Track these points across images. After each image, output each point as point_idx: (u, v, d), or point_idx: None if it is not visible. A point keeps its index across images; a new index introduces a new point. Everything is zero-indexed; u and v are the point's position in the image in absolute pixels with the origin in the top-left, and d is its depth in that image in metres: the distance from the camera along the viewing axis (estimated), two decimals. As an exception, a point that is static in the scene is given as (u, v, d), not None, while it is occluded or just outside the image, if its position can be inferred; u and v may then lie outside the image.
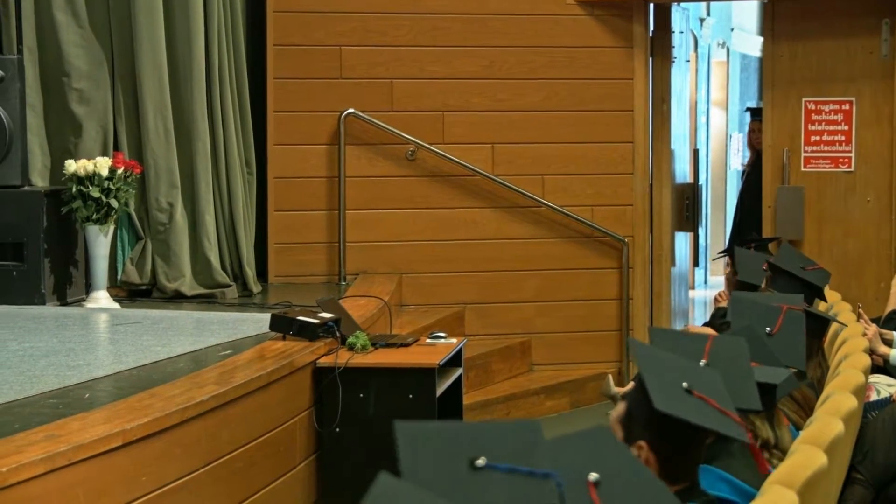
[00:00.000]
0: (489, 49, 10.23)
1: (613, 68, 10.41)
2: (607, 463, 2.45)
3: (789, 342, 4.48)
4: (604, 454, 2.47)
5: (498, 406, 9.43)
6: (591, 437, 2.50)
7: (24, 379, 5.90)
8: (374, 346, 7.04)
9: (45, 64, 9.08)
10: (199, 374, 6.07)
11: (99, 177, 8.37)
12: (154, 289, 9.17)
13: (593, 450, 2.47)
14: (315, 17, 9.95)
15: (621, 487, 2.44)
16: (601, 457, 2.45)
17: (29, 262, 8.38)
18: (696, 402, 3.14)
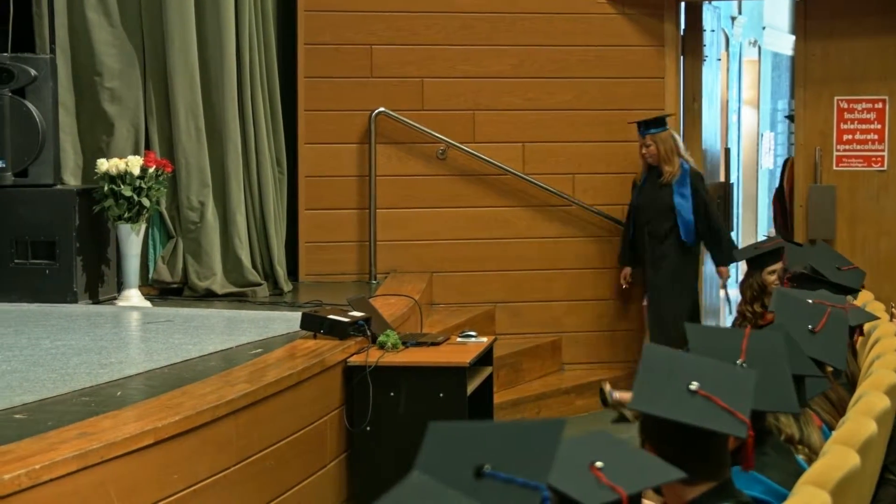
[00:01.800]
0: (520, 48, 10.22)
1: (644, 67, 10.38)
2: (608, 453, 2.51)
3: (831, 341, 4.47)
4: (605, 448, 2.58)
5: (528, 405, 9.42)
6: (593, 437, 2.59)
7: (57, 377, 5.92)
8: (405, 345, 7.04)
9: (78, 63, 9.11)
10: (230, 372, 6.09)
11: (131, 175, 8.39)
12: (185, 287, 9.19)
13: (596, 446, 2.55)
14: (346, 16, 9.95)
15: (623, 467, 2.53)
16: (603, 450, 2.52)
17: (61, 260, 8.41)
18: (697, 401, 3.12)
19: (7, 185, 8.48)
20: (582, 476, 2.56)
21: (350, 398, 6.75)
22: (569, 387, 9.81)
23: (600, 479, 2.55)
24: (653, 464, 2.80)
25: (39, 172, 8.55)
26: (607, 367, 10.14)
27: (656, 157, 9.74)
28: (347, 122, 9.96)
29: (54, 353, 6.58)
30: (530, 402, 9.47)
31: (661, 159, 9.72)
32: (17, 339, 7.07)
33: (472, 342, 7.36)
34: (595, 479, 2.55)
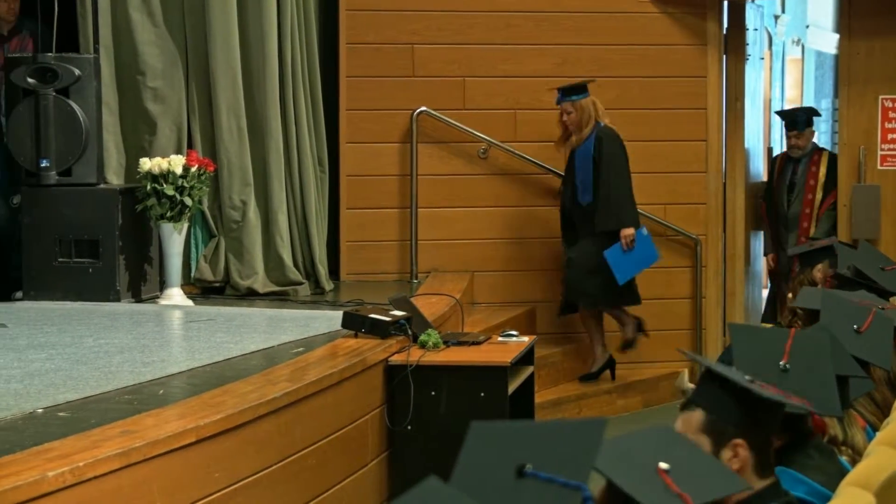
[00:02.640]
0: (561, 47, 10.20)
1: (687, 66, 10.35)
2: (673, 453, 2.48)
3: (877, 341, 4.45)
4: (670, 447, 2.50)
5: (569, 405, 9.41)
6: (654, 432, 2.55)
7: (100, 375, 5.95)
8: (446, 345, 7.04)
9: (121, 63, 9.14)
10: (272, 371, 6.10)
11: (173, 175, 8.42)
12: (227, 286, 9.22)
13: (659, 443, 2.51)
14: (387, 16, 9.96)
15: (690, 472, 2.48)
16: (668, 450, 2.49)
17: (104, 259, 8.45)
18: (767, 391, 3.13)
19: (51, 185, 8.53)
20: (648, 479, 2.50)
21: (391, 397, 6.76)
22: (610, 387, 9.78)
23: (668, 485, 2.50)
24: (720, 470, 2.75)
25: (83, 172, 8.59)
26: (650, 366, 10.10)
27: (575, 124, 9.52)
28: (389, 122, 9.97)
29: (97, 352, 6.61)
30: (571, 402, 9.45)
31: (578, 126, 9.53)
32: (60, 337, 7.11)
33: (514, 341, 7.36)
34: (662, 484, 2.50)
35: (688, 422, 3.20)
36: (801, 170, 10.54)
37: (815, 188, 10.46)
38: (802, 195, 10.46)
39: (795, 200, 10.44)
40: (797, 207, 10.47)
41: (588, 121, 9.49)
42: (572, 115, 9.50)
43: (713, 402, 3.18)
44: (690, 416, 3.20)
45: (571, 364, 9.88)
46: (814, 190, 10.46)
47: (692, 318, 10.32)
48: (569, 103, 9.51)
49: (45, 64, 8.52)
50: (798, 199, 10.45)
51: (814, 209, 10.41)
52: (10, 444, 4.55)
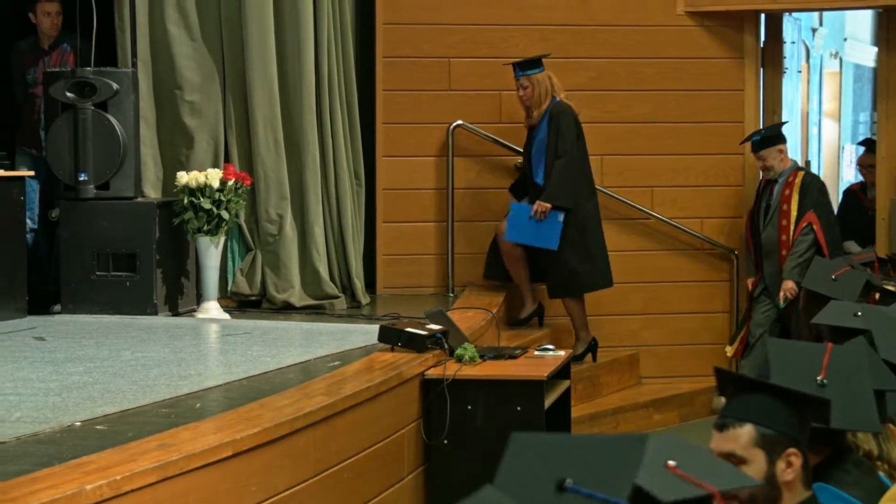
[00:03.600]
0: (597, 60, 10.19)
1: (723, 79, 10.32)
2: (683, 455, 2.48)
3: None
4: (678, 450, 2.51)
5: (606, 419, 9.38)
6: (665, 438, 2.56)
7: (138, 388, 5.97)
8: (482, 358, 7.03)
9: (159, 77, 9.19)
10: (308, 384, 6.11)
11: (210, 188, 8.45)
12: (264, 300, 9.24)
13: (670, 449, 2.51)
14: (424, 30, 9.97)
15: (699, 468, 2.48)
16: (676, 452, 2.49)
17: (141, 272, 8.49)
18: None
19: (89, 198, 8.57)
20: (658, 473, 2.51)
21: (427, 411, 6.75)
22: (647, 401, 9.76)
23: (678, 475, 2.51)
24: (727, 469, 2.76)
25: (120, 185, 8.63)
26: (686, 380, 10.07)
27: (531, 99, 9.39)
28: (425, 135, 9.98)
29: (135, 365, 6.63)
30: (608, 416, 9.42)
31: (535, 102, 9.39)
32: (98, 350, 7.14)
33: (550, 355, 7.35)
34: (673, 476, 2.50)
35: (734, 439, 3.17)
36: (776, 192, 9.79)
37: (789, 213, 9.71)
38: (777, 220, 9.77)
39: (769, 225, 9.78)
40: (771, 233, 9.76)
41: (545, 96, 9.35)
42: (528, 91, 9.38)
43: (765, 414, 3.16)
44: (736, 433, 3.17)
45: (608, 378, 9.86)
46: (788, 215, 9.72)
47: (729, 332, 10.28)
48: (524, 78, 9.39)
49: (83, 78, 8.57)
50: (772, 223, 9.78)
51: (790, 235, 9.70)
52: (49, 458, 4.57)
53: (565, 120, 9.30)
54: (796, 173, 9.76)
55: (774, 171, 9.74)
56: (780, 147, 9.76)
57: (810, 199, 9.65)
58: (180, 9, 9.16)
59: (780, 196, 9.72)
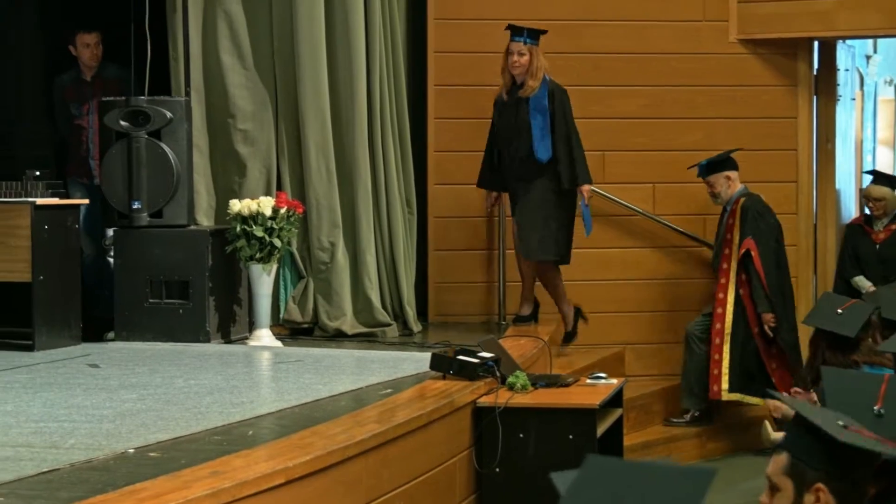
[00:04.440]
0: (650, 88, 10.17)
1: (776, 107, 10.28)
2: None
3: None
4: None
5: (658, 447, 9.33)
6: None
7: (190, 415, 5.98)
8: (534, 386, 7.01)
9: (212, 105, 9.24)
10: (360, 412, 6.10)
11: (262, 216, 8.48)
12: (316, 327, 9.25)
13: None
14: (475, 57, 9.98)
15: None
16: None
17: (194, 300, 8.52)
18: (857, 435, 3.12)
19: (142, 226, 8.62)
20: None
21: (479, 439, 6.74)
22: (700, 430, 9.70)
23: None
24: None
25: (174, 213, 8.68)
26: (741, 409, 9.99)
27: (526, 68, 9.12)
28: (476, 163, 9.96)
29: (187, 392, 6.65)
30: (660, 445, 9.37)
31: (530, 73, 9.13)
32: (151, 377, 7.17)
33: (602, 384, 7.32)
34: None
35: (776, 463, 3.19)
36: (723, 221, 9.67)
37: (732, 242, 9.55)
38: (721, 250, 9.63)
39: (717, 253, 9.67)
40: (717, 261, 9.65)
41: (540, 70, 9.14)
42: (525, 59, 9.13)
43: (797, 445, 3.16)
44: (778, 458, 3.19)
45: (660, 406, 9.80)
46: (731, 244, 9.56)
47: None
48: (526, 46, 9.17)
49: (137, 107, 8.63)
50: (718, 254, 9.66)
51: (730, 264, 9.53)
52: (103, 484, 4.59)
53: (567, 98, 9.21)
54: (739, 200, 9.62)
55: (721, 199, 9.66)
56: (728, 174, 9.64)
57: (749, 226, 9.50)
58: (233, 38, 9.21)
59: (725, 225, 9.64)
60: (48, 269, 8.21)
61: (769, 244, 9.49)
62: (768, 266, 9.40)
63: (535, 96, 9.14)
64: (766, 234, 9.50)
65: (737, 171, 9.65)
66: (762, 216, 9.54)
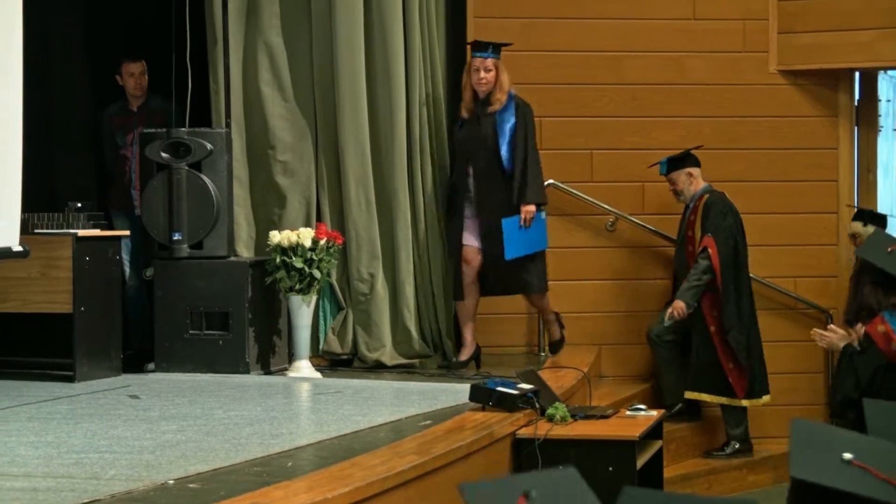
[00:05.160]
0: (689, 119, 10.15)
1: (817, 137, 10.24)
2: None
3: None
4: None
5: (699, 480, 9.28)
6: None
7: (230, 447, 5.99)
8: (574, 418, 6.99)
9: (252, 137, 9.29)
10: (400, 444, 6.10)
11: (302, 247, 8.50)
12: (355, 358, 9.26)
13: None
14: (514, 89, 9.98)
15: None
16: None
17: (234, 331, 8.54)
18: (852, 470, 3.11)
19: (183, 257, 8.65)
20: None
21: (518, 471, 6.71)
22: (740, 462, 9.63)
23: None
24: None
25: (214, 244, 8.71)
26: (780, 442, 9.93)
27: (492, 84, 9.00)
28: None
29: (227, 423, 6.66)
30: (700, 477, 9.32)
31: (498, 86, 9.01)
32: (191, 409, 7.18)
33: (642, 415, 7.29)
34: None
35: None
36: (686, 217, 9.56)
37: (694, 239, 9.43)
38: (684, 248, 9.51)
39: (679, 252, 9.56)
40: (680, 260, 9.53)
41: (505, 83, 9.03)
42: (491, 74, 9.00)
43: None
44: None
45: (700, 439, 9.75)
46: (693, 241, 9.44)
47: (824, 393, 10.14)
48: (492, 61, 9.06)
49: (178, 139, 8.68)
50: (681, 252, 9.54)
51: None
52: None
53: (531, 115, 9.13)
54: (702, 197, 9.52)
55: (684, 196, 9.57)
56: (690, 170, 9.55)
57: (710, 223, 9.38)
58: (274, 70, 9.26)
59: (687, 221, 9.54)
60: (89, 301, 8.25)
61: (728, 242, 9.38)
62: (725, 265, 9.32)
63: (500, 110, 9.04)
64: (725, 232, 9.39)
65: (699, 167, 9.57)
66: (724, 215, 9.42)
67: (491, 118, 9.03)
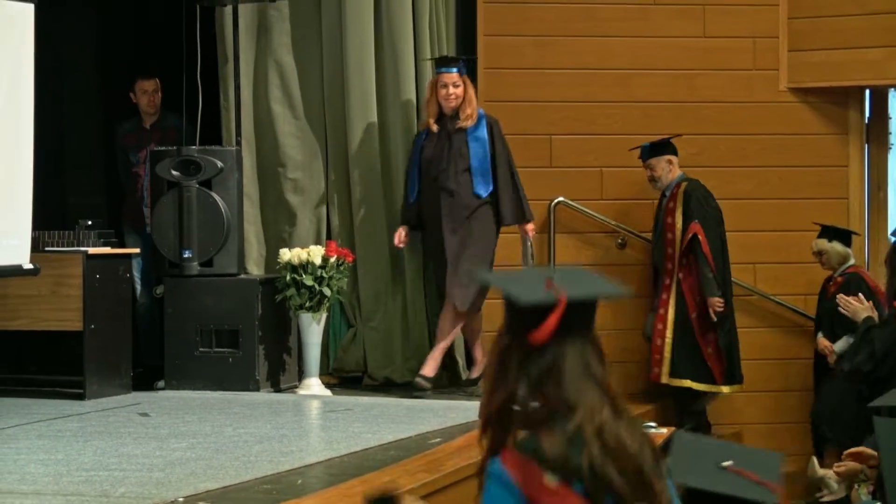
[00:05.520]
0: (700, 137, 10.14)
1: (827, 155, 10.23)
2: None
3: None
4: None
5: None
6: None
7: (240, 464, 5.99)
8: (585, 436, 6.96)
9: (262, 155, 9.30)
10: (410, 461, 6.10)
11: (312, 265, 8.50)
12: (365, 376, 9.25)
13: None
14: (525, 107, 9.99)
15: None
16: None
17: (244, 348, 8.54)
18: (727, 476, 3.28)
19: (193, 275, 8.66)
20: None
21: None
22: (751, 480, 9.59)
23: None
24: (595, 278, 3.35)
25: (224, 262, 8.72)
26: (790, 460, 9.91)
27: (461, 99, 8.71)
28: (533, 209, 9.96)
29: (237, 441, 6.66)
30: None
31: (466, 101, 8.73)
32: (201, 426, 7.18)
33: (652, 433, 7.27)
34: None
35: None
36: (663, 206, 9.42)
37: (674, 227, 9.32)
38: (663, 236, 9.39)
39: (658, 243, 9.43)
40: (659, 249, 9.41)
41: (474, 98, 8.78)
42: (460, 89, 8.71)
43: None
44: None
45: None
46: (673, 229, 9.33)
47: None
48: (459, 76, 8.76)
49: (188, 156, 8.69)
50: (660, 240, 9.41)
51: (675, 249, 9.30)
52: (152, 533, 4.59)
53: (499, 128, 8.92)
54: (681, 185, 9.44)
55: (661, 183, 9.47)
56: (669, 157, 9.48)
57: (694, 210, 9.31)
58: (284, 88, 9.27)
59: (665, 209, 9.44)
60: (99, 318, 8.26)
61: (716, 229, 9.35)
62: (715, 251, 9.32)
63: (472, 127, 8.76)
64: (712, 218, 9.35)
65: (677, 156, 9.54)
66: (707, 200, 9.38)
67: (461, 134, 8.76)
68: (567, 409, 2.97)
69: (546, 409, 3.00)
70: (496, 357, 3.11)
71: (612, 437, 2.97)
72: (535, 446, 2.94)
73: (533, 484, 2.90)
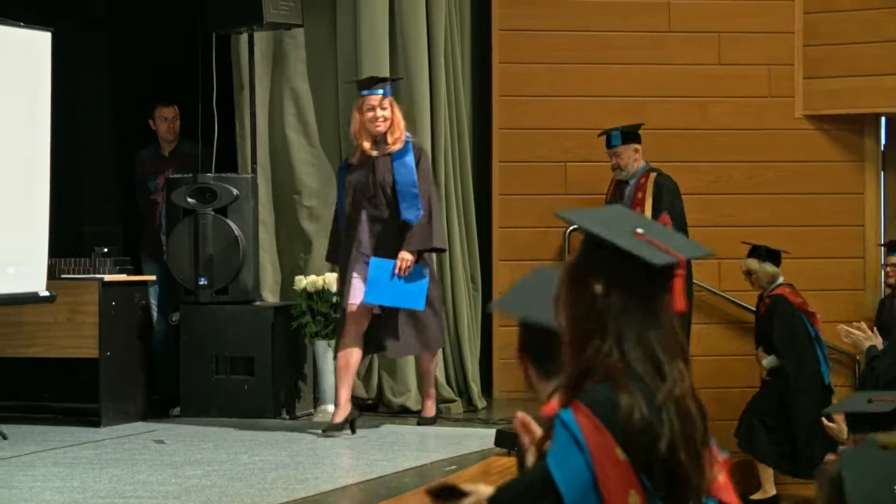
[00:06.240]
0: (714, 164, 10.15)
1: (843, 182, 10.23)
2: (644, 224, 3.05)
3: None
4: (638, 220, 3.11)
5: None
6: None
7: (255, 492, 5.99)
8: (600, 464, 6.94)
9: (277, 182, 9.31)
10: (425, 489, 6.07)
11: (328, 292, 8.50)
12: (380, 403, 9.24)
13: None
14: (540, 134, 10.01)
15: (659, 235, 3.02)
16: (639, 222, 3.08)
17: (259, 376, 8.54)
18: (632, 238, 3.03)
19: (208, 302, 8.67)
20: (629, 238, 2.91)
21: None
22: None
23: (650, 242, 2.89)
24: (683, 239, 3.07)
25: (239, 289, 8.73)
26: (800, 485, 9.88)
27: (390, 123, 7.99)
28: (542, 239, 9.98)
29: (252, 468, 6.66)
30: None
31: (394, 124, 8.02)
32: (216, 453, 7.18)
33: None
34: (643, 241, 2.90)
35: None
36: (627, 194, 9.24)
37: None
38: None
39: None
40: None
41: (401, 122, 8.09)
42: (388, 112, 8.01)
43: None
44: None
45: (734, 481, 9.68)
46: None
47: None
48: (387, 100, 8.05)
49: (204, 184, 8.71)
50: None
51: None
52: (167, 560, 4.59)
53: (425, 155, 8.30)
54: (648, 175, 9.34)
55: (626, 172, 9.35)
56: (636, 146, 9.39)
57: (665, 201, 9.22)
58: (299, 115, 9.30)
59: (631, 199, 9.29)
60: (115, 346, 8.28)
61: (683, 224, 9.24)
62: None
63: (398, 151, 8.06)
64: (680, 214, 9.29)
65: (641, 145, 9.47)
66: (676, 195, 9.31)
67: (386, 160, 8.08)
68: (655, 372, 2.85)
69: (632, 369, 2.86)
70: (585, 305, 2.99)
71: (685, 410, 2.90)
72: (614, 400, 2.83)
73: (603, 451, 2.79)
